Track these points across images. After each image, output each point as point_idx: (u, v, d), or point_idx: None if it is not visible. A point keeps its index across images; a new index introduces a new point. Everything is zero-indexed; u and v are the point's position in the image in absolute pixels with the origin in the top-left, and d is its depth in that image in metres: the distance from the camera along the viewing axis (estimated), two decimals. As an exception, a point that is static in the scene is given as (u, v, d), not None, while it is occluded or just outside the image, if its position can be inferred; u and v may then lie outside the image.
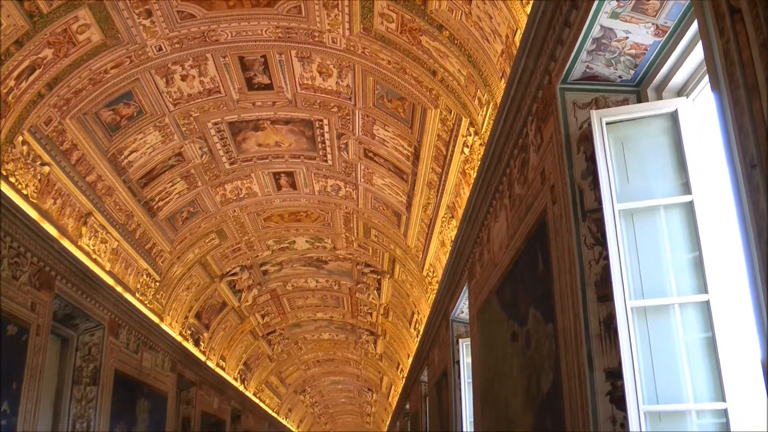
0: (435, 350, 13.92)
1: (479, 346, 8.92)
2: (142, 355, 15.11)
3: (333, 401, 43.47)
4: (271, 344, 25.83)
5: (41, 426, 11.89)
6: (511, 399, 6.93)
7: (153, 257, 14.55)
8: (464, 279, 10.11)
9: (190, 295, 17.39)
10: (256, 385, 28.53)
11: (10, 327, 9.52)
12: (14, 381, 9.63)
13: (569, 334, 4.96)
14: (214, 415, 22.37)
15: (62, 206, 10.99)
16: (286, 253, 18.12)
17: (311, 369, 32.34)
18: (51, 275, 10.75)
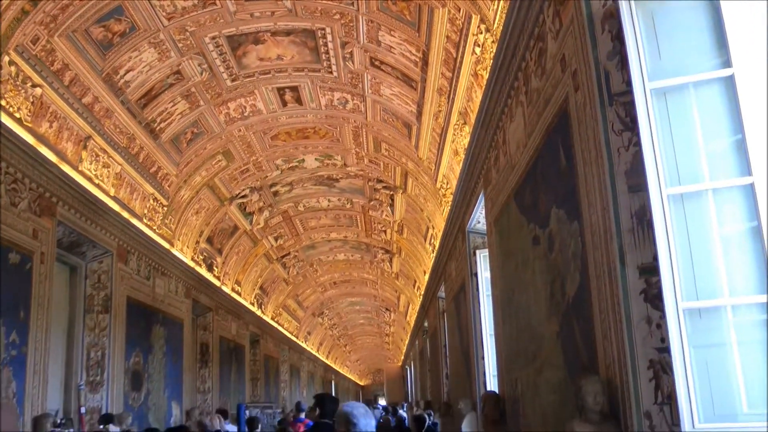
0: (452, 264, 13.63)
1: (498, 254, 8.58)
2: (154, 281, 14.93)
3: (351, 323, 43.68)
4: (286, 267, 25.67)
5: (55, 355, 11.80)
6: (533, 307, 6.61)
7: (159, 181, 14.21)
8: (479, 187, 9.71)
9: (200, 220, 17.11)
10: (274, 309, 28.54)
11: (12, 255, 9.26)
12: (21, 310, 9.43)
13: (597, 231, 4.58)
14: (233, 340, 22.38)
15: (59, 130, 10.59)
16: (295, 173, 17.72)
17: (328, 291, 32.30)
18: (52, 201, 10.44)
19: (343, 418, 4.21)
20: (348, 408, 4.29)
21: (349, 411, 4.23)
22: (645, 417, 4.06)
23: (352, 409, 4.26)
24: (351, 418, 4.16)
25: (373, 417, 4.33)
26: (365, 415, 4.20)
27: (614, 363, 4.37)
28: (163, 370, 15.23)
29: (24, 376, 9.41)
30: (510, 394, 8.09)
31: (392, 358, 55.99)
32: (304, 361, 39.29)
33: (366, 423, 4.16)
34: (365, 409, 4.32)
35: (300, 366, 37.94)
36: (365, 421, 4.16)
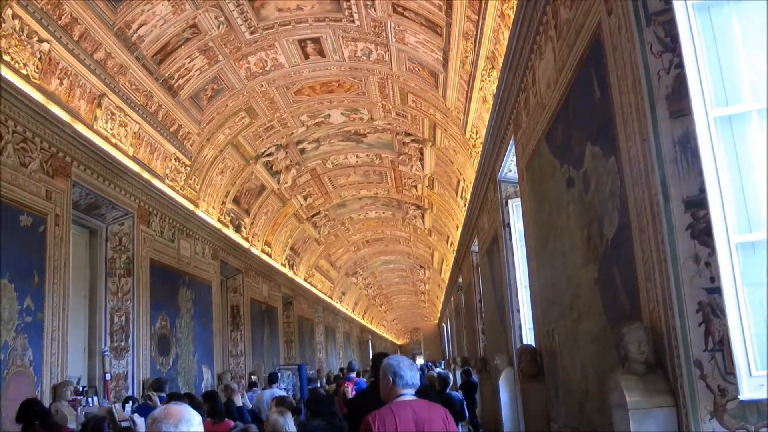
0: (484, 216, 13.26)
1: (530, 201, 8.20)
2: (179, 243, 14.75)
3: (386, 282, 43.54)
4: (317, 227, 25.47)
5: (76, 321, 11.66)
6: (568, 253, 6.25)
7: (180, 140, 13.95)
8: (509, 132, 9.30)
9: (226, 180, 16.87)
10: (306, 270, 28.42)
11: (23, 217, 9.01)
12: (36, 275, 9.20)
13: (637, 165, 4.19)
14: (264, 302, 22.28)
15: (70, 87, 10.31)
16: (322, 129, 17.38)
17: (361, 250, 32.09)
18: (66, 162, 10.19)
19: (389, 370, 4.30)
20: (393, 360, 4.39)
21: (395, 363, 4.33)
22: (695, 366, 3.71)
23: (398, 361, 4.35)
24: (397, 370, 4.26)
25: (417, 370, 4.42)
26: (410, 367, 4.30)
27: (659, 307, 4.01)
28: (191, 334, 15.11)
29: (41, 343, 9.22)
30: (547, 347, 7.77)
31: (428, 316, 55.97)
32: (340, 322, 39.31)
33: (412, 375, 4.27)
34: (410, 361, 4.40)
35: (335, 327, 37.97)
36: (411, 373, 4.26)
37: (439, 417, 4.23)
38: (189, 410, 2.89)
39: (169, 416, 2.78)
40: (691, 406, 3.74)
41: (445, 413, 4.34)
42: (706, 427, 3.70)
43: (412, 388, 4.32)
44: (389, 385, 4.32)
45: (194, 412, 2.91)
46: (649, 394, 3.97)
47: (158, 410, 2.91)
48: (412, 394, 4.31)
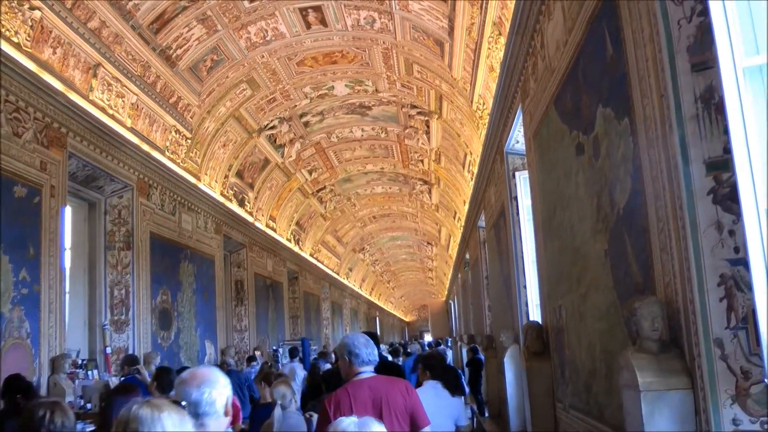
0: (491, 190, 12.88)
1: (538, 171, 7.83)
2: (180, 216, 14.45)
3: (394, 258, 43.23)
4: (323, 202, 25.13)
5: (75, 294, 11.46)
6: (577, 224, 5.88)
7: (180, 112, 13.60)
8: (517, 101, 8.90)
9: (228, 153, 16.53)
10: (312, 245, 28.13)
11: (17, 188, 8.75)
12: (30, 246, 8.95)
13: (653, 124, 3.82)
14: (269, 277, 22.02)
15: (64, 56, 9.96)
16: (326, 101, 16.98)
17: (368, 226, 31.75)
18: (61, 132, 9.88)
19: (345, 350, 4.29)
20: (348, 339, 4.38)
21: (350, 342, 4.32)
22: (715, 345, 3.35)
23: (353, 340, 4.34)
24: (352, 349, 4.24)
25: (374, 347, 4.39)
26: (366, 344, 4.27)
27: (675, 280, 3.64)
28: (193, 309, 14.86)
29: (38, 315, 9.05)
30: (553, 324, 7.43)
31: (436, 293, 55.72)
32: (347, 298, 39.08)
33: (368, 353, 4.24)
34: (366, 338, 4.38)
35: (342, 303, 37.75)
36: (367, 350, 4.24)
37: (398, 390, 4.17)
38: (214, 372, 2.83)
39: (195, 378, 2.74)
40: (710, 388, 3.38)
41: (405, 386, 4.32)
42: (726, 412, 3.35)
43: (370, 365, 4.29)
44: (347, 365, 4.29)
45: (220, 374, 2.83)
46: (663, 374, 3.61)
47: (185, 372, 2.87)
48: (370, 371, 4.28)
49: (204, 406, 2.66)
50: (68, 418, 3.60)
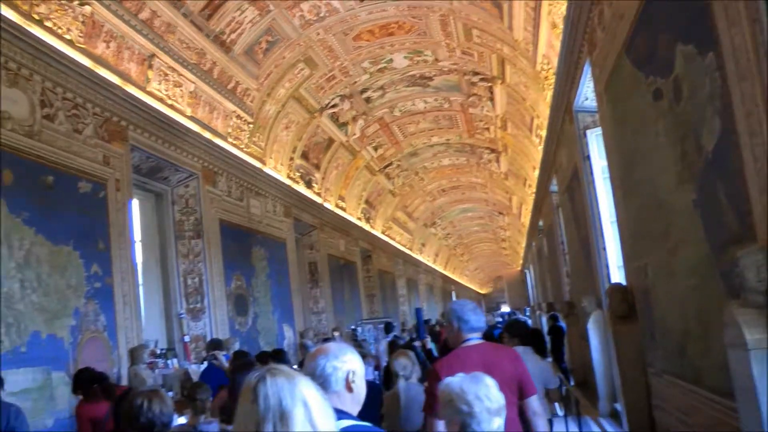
0: (561, 152, 12.43)
1: (611, 126, 7.41)
2: (248, 202, 14.39)
3: (466, 231, 42.78)
4: (390, 178, 24.88)
5: (150, 285, 11.50)
6: (658, 177, 5.48)
7: (239, 97, 13.47)
8: (584, 55, 8.46)
9: (291, 135, 16.39)
10: (383, 222, 27.97)
11: (81, 184, 8.73)
12: (99, 240, 8.95)
13: (744, 55, 3.42)
14: (342, 257, 21.93)
15: (118, 50, 9.87)
16: (385, 75, 16.67)
17: (437, 199, 31.38)
18: (121, 125, 9.82)
19: (453, 316, 4.19)
20: (456, 305, 4.29)
21: (458, 308, 4.23)
22: (832, 293, 2.97)
23: (461, 306, 4.26)
24: (461, 315, 4.15)
25: (482, 314, 4.34)
26: (474, 311, 4.20)
27: (779, 225, 3.27)
28: (269, 293, 14.82)
29: (113, 308, 9.08)
30: (639, 285, 7.02)
31: (511, 263, 55.10)
32: (421, 274, 38.90)
33: (477, 319, 4.17)
34: (474, 305, 4.32)
35: (417, 279, 37.58)
36: (475, 317, 4.16)
37: (507, 358, 4.06)
38: (342, 346, 2.80)
39: (318, 351, 2.75)
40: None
41: (513, 353, 4.22)
42: None
43: (478, 331, 4.20)
44: (454, 331, 4.19)
45: (348, 348, 2.80)
46: (773, 330, 3.25)
47: (313, 347, 2.90)
48: (478, 338, 4.18)
49: (320, 379, 2.61)
50: (166, 405, 3.68)
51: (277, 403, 1.93)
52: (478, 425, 2.84)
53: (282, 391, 1.96)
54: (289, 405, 1.94)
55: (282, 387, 1.97)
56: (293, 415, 1.93)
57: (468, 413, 2.85)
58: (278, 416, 1.92)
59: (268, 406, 1.93)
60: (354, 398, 2.71)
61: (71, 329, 8.11)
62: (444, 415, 2.98)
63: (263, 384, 1.97)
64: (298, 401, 1.96)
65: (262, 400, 1.94)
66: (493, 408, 2.89)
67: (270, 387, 1.96)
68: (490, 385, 2.94)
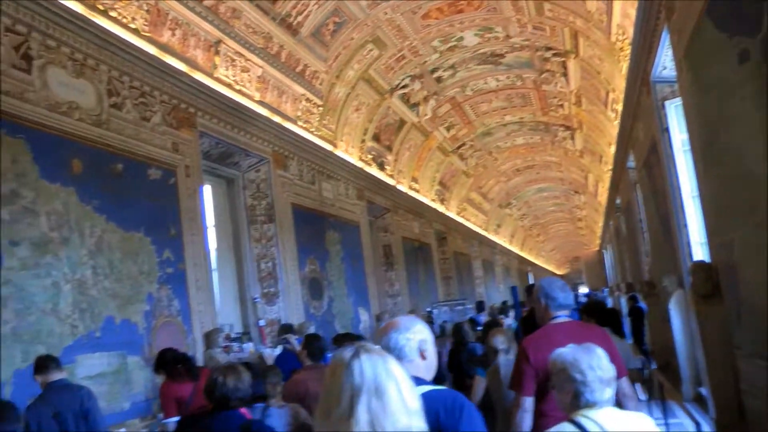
0: (638, 126, 11.93)
1: (693, 95, 6.97)
2: (320, 185, 14.30)
3: (541, 211, 42.00)
4: (464, 158, 24.51)
5: (224, 270, 11.53)
6: (744, 146, 5.09)
7: (308, 80, 13.34)
8: (661, 21, 8.01)
9: (362, 117, 16.22)
10: (458, 203, 27.65)
11: (151, 171, 8.76)
12: (171, 227, 8.98)
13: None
14: (417, 239, 21.73)
15: (184, 37, 9.81)
16: (456, 53, 16.30)
17: (512, 179, 30.83)
18: (189, 112, 9.80)
19: (541, 293, 4.21)
20: (545, 282, 4.32)
21: (546, 285, 4.25)
22: None
23: (549, 283, 4.27)
24: (549, 292, 4.16)
25: (571, 292, 4.33)
26: (562, 288, 4.21)
27: None
28: (343, 276, 14.74)
29: (186, 293, 9.11)
30: (724, 261, 6.60)
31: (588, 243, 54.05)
32: (497, 255, 38.42)
33: (565, 296, 4.16)
34: (562, 282, 4.33)
35: (493, 260, 37.12)
36: (564, 294, 4.17)
37: (596, 337, 3.85)
38: (411, 318, 2.91)
39: (389, 325, 2.84)
40: None
41: (602, 333, 4.16)
42: None
43: (566, 309, 4.17)
44: (543, 308, 4.20)
45: (417, 319, 2.90)
46: None
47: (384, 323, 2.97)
48: (566, 315, 4.16)
49: (395, 351, 2.71)
50: (241, 380, 3.85)
51: (372, 378, 1.99)
52: (591, 394, 2.90)
53: (377, 367, 2.01)
54: (384, 380, 1.99)
55: (376, 363, 2.02)
56: (387, 390, 1.98)
57: (581, 382, 2.91)
58: (373, 390, 1.97)
59: (363, 380, 1.98)
60: (428, 365, 2.82)
61: (145, 314, 8.17)
62: (556, 383, 3.05)
63: (358, 359, 2.02)
64: (391, 377, 2.01)
65: (357, 374, 1.99)
66: (605, 378, 2.94)
67: (365, 362, 2.02)
68: (601, 356, 3.00)
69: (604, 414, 2.89)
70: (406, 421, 1.97)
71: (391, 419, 1.95)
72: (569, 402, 2.96)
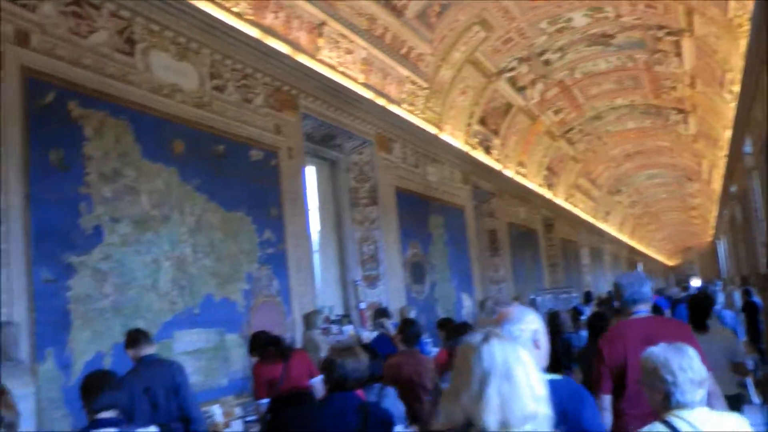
0: (756, 107, 11.15)
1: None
2: (425, 169, 14.09)
3: (652, 198, 40.33)
4: (572, 143, 23.74)
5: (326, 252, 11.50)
6: None
7: (413, 62, 13.09)
8: (784, -8, 7.37)
9: (468, 100, 15.85)
10: (566, 190, 26.90)
11: (253, 152, 8.74)
12: (272, 207, 8.95)
13: None
14: (523, 225, 21.22)
15: (287, 19, 9.69)
16: (564, 35, 15.66)
17: (622, 165, 29.69)
18: (292, 94, 9.71)
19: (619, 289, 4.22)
20: (622, 279, 4.30)
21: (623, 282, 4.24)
22: None
23: (626, 278, 4.26)
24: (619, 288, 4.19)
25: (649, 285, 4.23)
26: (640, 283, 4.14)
27: None
28: (446, 260, 14.49)
29: (286, 273, 9.06)
30: None
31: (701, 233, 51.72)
32: (606, 244, 37.26)
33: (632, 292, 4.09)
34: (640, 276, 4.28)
35: (601, 248, 36.03)
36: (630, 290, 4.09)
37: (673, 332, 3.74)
38: (523, 309, 2.93)
39: (506, 316, 2.85)
40: None
41: (681, 328, 4.16)
42: None
43: (642, 304, 4.12)
44: (620, 304, 4.22)
45: (528, 310, 2.93)
46: None
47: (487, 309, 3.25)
48: (645, 311, 4.12)
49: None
50: (359, 362, 3.86)
51: (502, 362, 2.01)
52: (682, 395, 2.88)
53: (507, 352, 2.03)
54: (513, 365, 2.02)
55: (506, 348, 2.05)
56: (516, 375, 2.00)
57: (672, 383, 2.90)
58: (503, 375, 1.99)
59: (493, 364, 2.01)
60: (541, 355, 2.80)
61: (244, 293, 8.16)
62: (646, 383, 3.02)
63: (488, 344, 2.05)
64: (520, 362, 2.03)
65: (487, 358, 2.02)
66: (697, 379, 2.91)
67: (495, 347, 2.04)
68: (692, 357, 2.96)
69: (697, 414, 2.87)
70: (533, 407, 1.99)
71: (519, 404, 1.97)
72: (660, 402, 2.95)
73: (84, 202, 6.16)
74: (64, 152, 6.04)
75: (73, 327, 5.91)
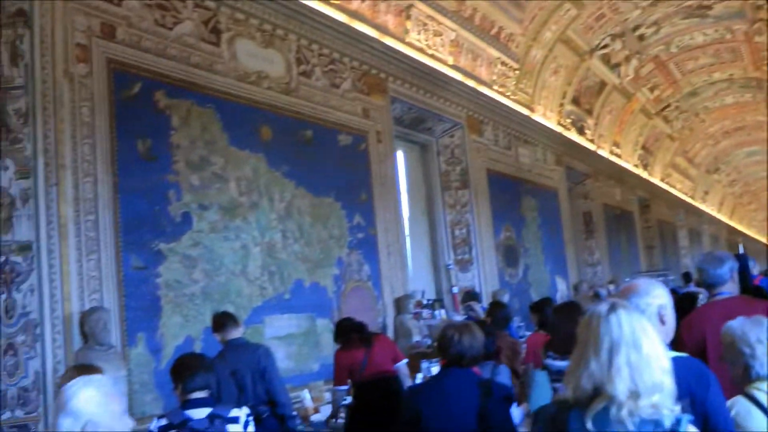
0: None
1: None
2: (516, 150, 13.65)
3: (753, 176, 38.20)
4: (668, 121, 22.70)
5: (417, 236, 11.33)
6: None
7: (503, 43, 12.66)
8: None
9: (560, 80, 15.28)
10: (662, 169, 25.80)
11: (341, 137, 8.58)
12: (362, 192, 8.79)
13: None
14: (618, 206, 20.39)
15: (374, 3, 9.45)
16: (659, 8, 14.89)
17: (720, 143, 28.25)
18: (380, 78, 9.50)
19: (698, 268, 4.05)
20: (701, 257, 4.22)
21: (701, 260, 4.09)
22: None
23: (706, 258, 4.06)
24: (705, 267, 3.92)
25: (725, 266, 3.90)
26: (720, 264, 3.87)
27: None
28: (539, 244, 14.04)
29: (377, 258, 8.90)
30: None
31: (804, 211, 49.01)
32: (705, 224, 35.63)
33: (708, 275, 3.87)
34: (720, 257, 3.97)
35: (700, 230, 34.47)
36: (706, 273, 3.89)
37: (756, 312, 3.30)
38: (651, 282, 2.81)
39: (632, 289, 2.75)
40: None
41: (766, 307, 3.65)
42: None
43: (722, 285, 3.85)
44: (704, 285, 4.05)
45: (657, 283, 2.80)
46: None
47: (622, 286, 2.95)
48: (727, 292, 3.86)
49: None
50: (476, 339, 3.76)
51: (630, 331, 1.99)
52: (762, 367, 2.79)
53: (633, 322, 2.01)
54: (640, 335, 2.00)
55: (633, 317, 2.03)
56: (643, 345, 1.98)
57: (750, 355, 2.81)
58: (631, 344, 1.97)
59: (621, 334, 1.99)
60: (666, 330, 2.70)
61: (334, 278, 8.04)
62: (726, 357, 2.92)
63: (615, 313, 2.03)
64: (646, 334, 2.01)
65: (615, 327, 2.00)
66: None
67: (623, 316, 2.02)
68: None
69: None
70: (659, 377, 1.96)
71: (648, 373, 1.95)
72: (740, 375, 2.85)
73: (172, 190, 6.14)
74: (151, 142, 6.05)
75: (164, 312, 5.92)
